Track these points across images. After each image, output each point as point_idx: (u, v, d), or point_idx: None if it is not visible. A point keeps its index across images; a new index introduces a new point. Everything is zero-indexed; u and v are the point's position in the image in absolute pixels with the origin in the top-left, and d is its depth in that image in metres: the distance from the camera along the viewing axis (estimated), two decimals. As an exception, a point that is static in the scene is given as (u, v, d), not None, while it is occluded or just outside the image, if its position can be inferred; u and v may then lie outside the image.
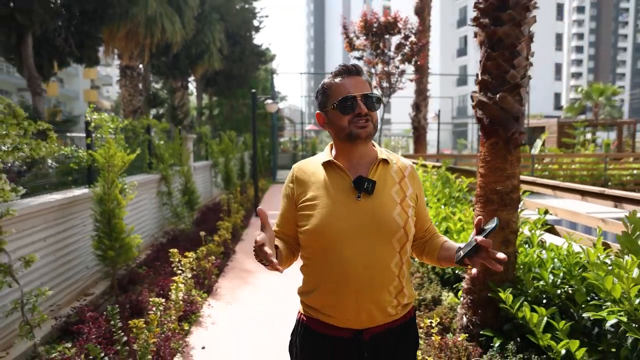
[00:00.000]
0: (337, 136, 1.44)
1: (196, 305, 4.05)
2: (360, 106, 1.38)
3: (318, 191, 1.41)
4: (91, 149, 4.57)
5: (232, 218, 7.13)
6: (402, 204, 1.41)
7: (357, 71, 1.44)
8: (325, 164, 1.45)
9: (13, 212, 3.08)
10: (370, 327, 1.38)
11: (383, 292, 1.37)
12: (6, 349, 3.17)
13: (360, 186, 1.37)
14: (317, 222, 1.36)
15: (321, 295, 1.40)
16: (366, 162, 1.45)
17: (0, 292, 3.13)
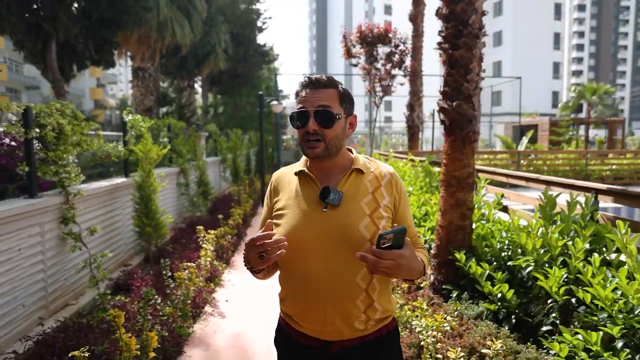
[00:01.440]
0: None
1: (218, 272, 4.98)
2: (309, 123, 1.32)
3: (289, 201, 1.40)
4: (126, 146, 5.49)
5: (242, 207, 8.06)
6: (372, 215, 1.35)
7: (322, 83, 1.35)
8: (298, 173, 1.43)
9: (82, 192, 4.02)
10: (338, 339, 1.35)
11: (349, 306, 1.33)
12: (77, 297, 4.10)
13: (326, 197, 1.33)
14: (283, 231, 1.35)
15: (292, 304, 1.40)
16: (338, 172, 1.41)
17: (73, 254, 4.05)
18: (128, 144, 5.55)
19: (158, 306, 3.46)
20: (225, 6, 23.45)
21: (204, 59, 21.79)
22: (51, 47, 11.64)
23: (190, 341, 3.44)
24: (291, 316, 1.41)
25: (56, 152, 3.82)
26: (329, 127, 1.32)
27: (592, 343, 2.30)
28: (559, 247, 2.99)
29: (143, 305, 3.02)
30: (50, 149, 3.82)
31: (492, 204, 4.52)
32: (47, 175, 3.78)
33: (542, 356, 2.71)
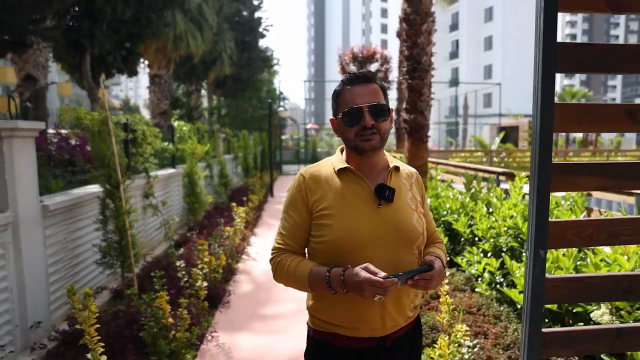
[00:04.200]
0: (346, 145, 1.43)
1: (246, 236, 6.83)
2: (365, 118, 1.33)
3: (336, 199, 1.36)
4: (174, 145, 7.32)
5: (257, 195, 9.91)
6: (417, 210, 1.42)
7: (367, 78, 1.38)
8: (340, 170, 1.40)
9: (158, 176, 5.86)
10: (393, 332, 1.39)
11: (405, 297, 1.39)
12: (153, 249, 5.94)
13: (382, 194, 1.35)
14: (338, 232, 1.32)
15: (344, 310, 1.35)
16: (378, 170, 1.42)
17: (152, 219, 5.88)
18: (175, 143, 7.39)
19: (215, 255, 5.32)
20: (230, 15, 25.30)
21: (211, 65, 23.57)
22: (86, 59, 13.44)
23: (238, 272, 5.29)
24: (341, 324, 1.37)
25: (142, 148, 5.64)
26: (384, 120, 1.36)
27: (474, 254, 4.16)
28: (468, 206, 4.86)
29: (214, 240, 4.86)
30: (138, 146, 5.65)
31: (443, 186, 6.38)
32: (137, 164, 5.61)
33: (459, 272, 4.56)
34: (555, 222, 1.30)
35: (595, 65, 1.28)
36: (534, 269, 1.29)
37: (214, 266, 4.48)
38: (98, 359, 2.15)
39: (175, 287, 4.00)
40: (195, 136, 7.33)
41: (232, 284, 4.91)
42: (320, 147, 29.33)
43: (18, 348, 3.16)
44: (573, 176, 1.29)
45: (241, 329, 3.78)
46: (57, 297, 3.74)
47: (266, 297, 4.53)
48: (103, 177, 3.97)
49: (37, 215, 3.43)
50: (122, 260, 4.02)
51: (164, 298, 2.95)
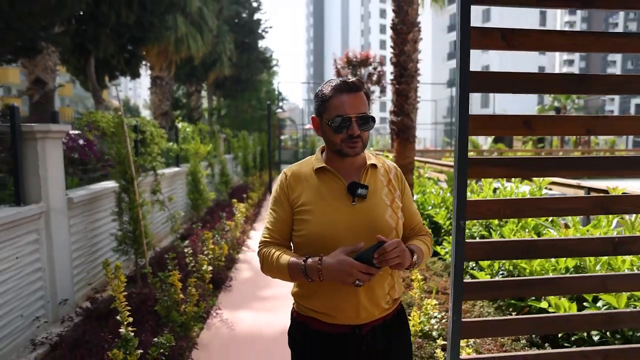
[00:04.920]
0: (328, 147, 1.53)
1: (246, 230, 7.32)
2: (354, 128, 1.42)
3: (313, 196, 1.47)
4: (178, 145, 7.81)
5: (256, 192, 10.40)
6: (392, 205, 1.50)
7: (357, 87, 1.46)
8: (318, 170, 1.50)
9: (165, 174, 6.35)
10: (368, 322, 1.47)
11: (379, 289, 1.47)
12: (161, 241, 6.42)
13: (354, 191, 1.44)
14: (315, 227, 1.43)
15: (321, 298, 1.46)
16: (356, 167, 1.52)
17: (159, 213, 6.37)
18: (179, 143, 7.88)
19: (218, 244, 5.80)
20: (230, 17, 25.77)
21: (211, 66, 24.03)
22: (90, 62, 13.94)
23: (238, 261, 5.79)
24: (319, 310, 1.47)
25: (150, 148, 6.13)
26: (368, 130, 1.47)
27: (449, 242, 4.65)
28: (448, 200, 5.36)
29: (216, 232, 5.35)
30: (147, 146, 6.13)
31: (430, 183, 6.88)
32: (146, 163, 6.09)
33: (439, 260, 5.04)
34: (472, 200, 1.79)
35: (498, 87, 1.78)
36: (457, 235, 1.78)
37: (217, 254, 4.97)
38: (126, 319, 2.63)
39: (184, 271, 4.49)
40: (198, 137, 7.82)
41: (233, 271, 5.40)
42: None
43: (50, 320, 3.66)
44: (483, 167, 1.78)
45: (242, 308, 4.27)
46: (79, 279, 4.23)
47: (264, 283, 5.02)
48: (119, 173, 4.46)
49: (64, 206, 3.92)
50: (136, 247, 4.50)
51: (176, 276, 3.45)
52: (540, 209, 1.85)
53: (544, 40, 1.80)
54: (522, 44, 1.79)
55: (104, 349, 2.96)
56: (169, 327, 3.43)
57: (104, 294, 4.45)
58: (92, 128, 5.17)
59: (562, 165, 1.84)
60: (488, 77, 1.78)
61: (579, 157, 1.87)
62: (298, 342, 1.57)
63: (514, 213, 1.85)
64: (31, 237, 3.54)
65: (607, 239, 1.87)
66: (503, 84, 1.79)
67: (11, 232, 3.29)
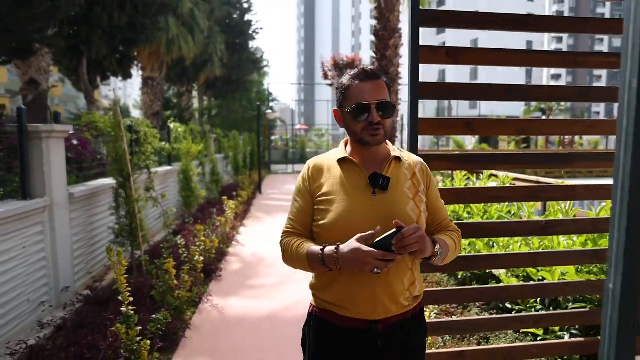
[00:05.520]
0: (351, 137, 1.51)
1: (236, 225, 7.64)
2: (373, 115, 1.40)
3: (334, 187, 1.46)
4: (170, 144, 8.11)
5: (246, 191, 10.72)
6: (414, 199, 1.47)
7: (376, 75, 1.45)
8: (340, 160, 1.50)
9: (158, 172, 6.66)
10: (385, 317, 1.44)
11: (397, 284, 1.43)
12: (154, 236, 6.73)
13: (376, 182, 1.43)
14: (334, 216, 1.42)
15: (337, 290, 1.44)
16: (380, 160, 1.49)
17: (152, 209, 6.68)
18: (171, 143, 8.19)
19: (209, 237, 6.13)
20: (221, 18, 26.04)
21: (202, 67, 24.25)
22: (83, 63, 14.16)
23: (228, 254, 6.12)
24: (335, 303, 1.46)
25: (144, 147, 6.43)
26: (389, 117, 1.45)
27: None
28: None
29: (207, 227, 5.68)
30: (141, 146, 6.44)
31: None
32: (140, 162, 6.39)
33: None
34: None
35: (442, 95, 2.14)
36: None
37: (208, 247, 5.30)
38: (127, 299, 2.95)
39: (177, 262, 4.81)
40: (190, 137, 8.13)
41: (223, 263, 5.73)
42: (309, 147, 30.10)
43: (54, 306, 3.96)
44: (429, 160, 2.14)
45: (231, 295, 4.61)
46: (79, 269, 4.54)
47: (253, 273, 5.36)
48: (116, 170, 4.77)
49: (66, 201, 4.23)
50: (132, 240, 4.81)
51: (171, 263, 3.77)
52: (479, 195, 2.22)
53: (483, 57, 2.17)
54: (464, 60, 2.16)
55: (106, 327, 3.28)
56: (165, 309, 3.75)
57: (102, 283, 4.76)
58: (90, 128, 5.46)
59: (497, 159, 2.22)
60: (433, 87, 2.14)
61: (512, 153, 2.24)
62: (316, 338, 1.54)
63: (457, 199, 2.22)
64: (36, 228, 3.84)
65: (536, 222, 2.24)
66: (447, 92, 2.16)
67: (19, 224, 3.60)
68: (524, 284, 2.35)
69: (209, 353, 3.39)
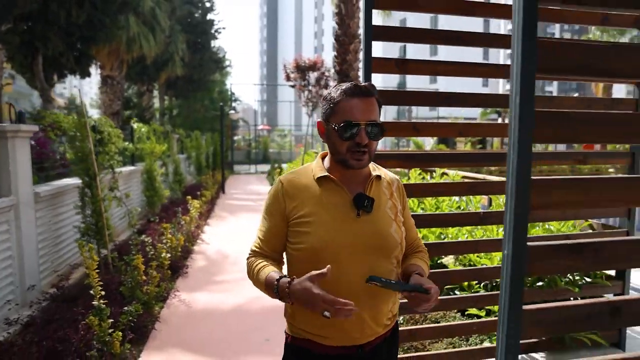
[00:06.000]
0: (332, 154, 1.40)
1: (201, 225, 7.75)
2: (361, 135, 1.30)
3: (314, 207, 1.36)
4: (133, 144, 8.12)
5: (209, 191, 10.79)
6: (396, 219, 1.41)
7: (369, 92, 1.34)
8: (320, 178, 1.39)
9: (122, 172, 6.70)
10: (370, 340, 1.39)
11: (384, 307, 1.39)
12: (118, 235, 6.76)
13: (360, 204, 1.34)
14: (316, 239, 1.32)
15: (319, 319, 1.26)
16: (360, 178, 1.41)
17: (116, 209, 6.70)
18: (134, 143, 8.20)
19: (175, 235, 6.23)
20: (183, 17, 25.77)
21: (162, 66, 23.93)
22: (38, 60, 13.77)
23: (194, 252, 6.24)
24: (316, 333, 1.37)
25: (108, 147, 6.45)
26: (377, 139, 1.36)
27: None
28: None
29: (172, 225, 5.79)
30: (104, 146, 6.45)
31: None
32: (104, 162, 6.41)
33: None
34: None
35: (391, 100, 2.42)
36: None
37: (174, 244, 5.42)
38: (98, 292, 3.08)
39: (144, 259, 4.90)
40: (153, 137, 8.17)
41: (189, 260, 5.86)
42: (272, 147, 30.20)
43: (20, 304, 4.00)
44: (382, 159, 2.41)
45: (198, 290, 4.76)
46: (45, 268, 4.58)
47: (218, 270, 5.52)
48: (82, 170, 4.82)
49: (31, 200, 4.26)
50: (98, 238, 4.87)
51: (140, 259, 3.90)
52: (425, 190, 2.51)
53: (426, 68, 2.46)
54: (411, 70, 2.45)
55: (76, 322, 3.38)
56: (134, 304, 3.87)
57: (68, 281, 4.80)
58: (54, 128, 5.46)
59: (436, 158, 2.52)
60: (384, 93, 2.41)
61: (448, 152, 2.55)
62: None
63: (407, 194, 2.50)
64: (2, 227, 3.88)
65: (475, 214, 2.55)
66: (394, 98, 2.44)
67: (-15, 222, 3.64)
68: (465, 268, 2.66)
69: (178, 344, 3.55)
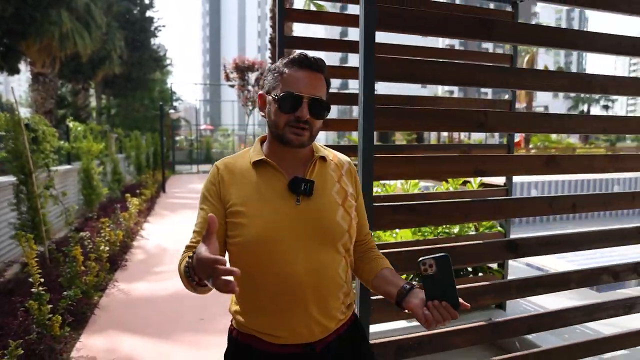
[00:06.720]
0: (270, 130, 1.27)
1: (140, 222, 7.87)
2: (303, 110, 1.18)
3: (250, 195, 1.23)
4: (69, 143, 8.09)
5: (149, 190, 10.83)
6: (344, 204, 1.29)
7: (318, 67, 1.22)
8: (256, 163, 1.26)
9: (58, 171, 6.73)
10: (322, 337, 1.26)
11: (332, 300, 1.26)
12: (56, 233, 6.77)
13: (297, 188, 1.22)
14: (253, 232, 1.19)
15: (263, 316, 1.22)
16: (302, 161, 1.28)
17: (53, 207, 6.71)
18: (70, 142, 8.17)
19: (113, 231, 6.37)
20: (120, 14, 25.12)
21: (99, 64, 23.23)
22: (-38, 55, 13.13)
23: (133, 247, 6.41)
24: (264, 331, 1.24)
25: (43, 146, 6.46)
26: (320, 118, 1.24)
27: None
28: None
29: (112, 222, 5.93)
30: (39, 144, 6.46)
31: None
32: (39, 160, 6.42)
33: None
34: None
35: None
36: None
37: (113, 239, 5.59)
38: (38, 280, 3.28)
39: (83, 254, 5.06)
40: (90, 135, 8.17)
41: (128, 255, 6.03)
42: (215, 147, 30.03)
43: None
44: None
45: (137, 280, 4.99)
46: (-21, 264, 4.63)
47: (157, 262, 5.75)
48: (16, 168, 4.90)
49: (-36, 196, 4.33)
50: (35, 234, 4.96)
51: (78, 250, 4.09)
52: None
53: (338, 73, 2.90)
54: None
55: (14, 310, 3.54)
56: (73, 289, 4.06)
57: (4, 277, 4.86)
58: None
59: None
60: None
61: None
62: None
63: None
64: None
65: (376, 197, 3.02)
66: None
67: None
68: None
69: (117, 327, 3.80)
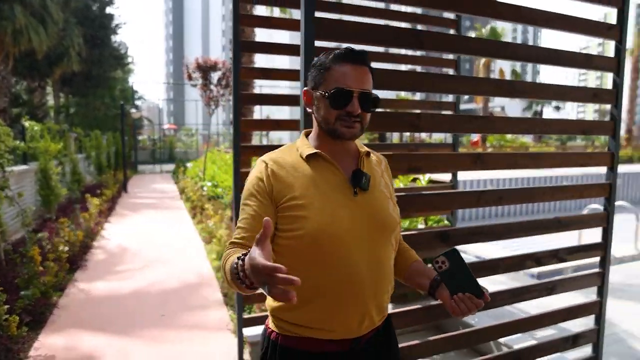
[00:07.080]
0: (320, 124, 1.28)
1: (101, 222, 7.80)
2: (354, 104, 1.20)
3: (307, 188, 1.21)
4: (25, 143, 7.93)
5: (110, 190, 10.68)
6: (392, 198, 1.34)
7: (363, 60, 1.23)
8: (309, 156, 1.25)
9: (14, 172, 6.61)
10: (366, 332, 1.25)
11: (384, 294, 1.27)
12: (12, 235, 6.64)
13: (358, 181, 1.24)
14: (315, 225, 1.17)
15: (319, 310, 1.19)
16: (350, 155, 1.30)
17: (9, 208, 6.58)
18: (27, 142, 8.00)
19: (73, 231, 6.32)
20: (78, 10, 24.43)
21: (56, 61, 22.55)
22: None
23: (93, 247, 6.37)
24: (311, 326, 1.20)
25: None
26: (370, 111, 1.26)
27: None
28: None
29: (71, 222, 5.89)
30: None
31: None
32: (-8, 160, 6.28)
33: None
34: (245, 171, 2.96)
35: (260, 101, 2.98)
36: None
37: (72, 240, 5.56)
38: (-5, 279, 3.30)
39: (41, 255, 5.02)
40: (48, 135, 8.03)
41: (88, 255, 6.00)
42: (178, 147, 29.66)
43: None
44: (250, 150, 2.97)
45: (97, 280, 5.00)
46: None
47: (118, 261, 5.76)
48: (-31, 168, 4.82)
49: None
50: (-10, 235, 4.90)
51: (36, 250, 4.09)
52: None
53: (290, 75, 3.06)
54: (275, 77, 3.02)
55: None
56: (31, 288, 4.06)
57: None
58: None
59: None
60: (251, 95, 2.98)
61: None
62: None
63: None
64: None
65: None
66: (263, 100, 3.01)
67: None
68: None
69: (77, 325, 3.84)
